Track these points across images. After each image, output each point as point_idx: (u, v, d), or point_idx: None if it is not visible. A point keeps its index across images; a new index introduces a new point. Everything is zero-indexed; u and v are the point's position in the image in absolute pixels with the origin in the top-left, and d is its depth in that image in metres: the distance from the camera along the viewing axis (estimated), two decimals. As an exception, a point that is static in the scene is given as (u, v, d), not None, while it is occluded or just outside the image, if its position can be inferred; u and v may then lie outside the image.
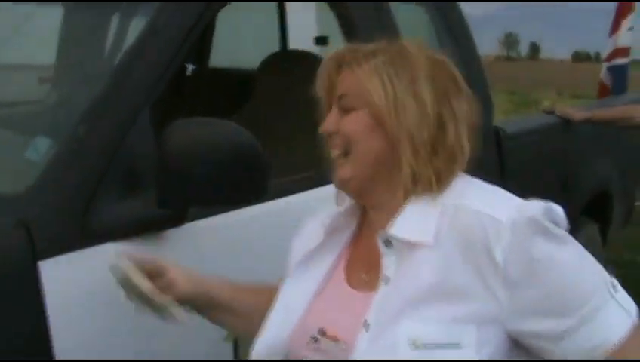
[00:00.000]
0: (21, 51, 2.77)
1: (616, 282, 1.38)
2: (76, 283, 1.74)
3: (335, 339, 1.44)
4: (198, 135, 1.78)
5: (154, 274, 1.61)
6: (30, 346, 1.66)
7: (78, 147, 1.83)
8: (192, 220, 1.94)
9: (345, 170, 1.47)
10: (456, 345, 1.30)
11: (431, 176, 1.39)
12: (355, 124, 1.45)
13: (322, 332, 1.46)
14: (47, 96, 2.71)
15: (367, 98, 1.43)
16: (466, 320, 1.31)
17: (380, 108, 1.41)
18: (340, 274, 1.54)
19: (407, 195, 1.42)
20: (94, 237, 1.78)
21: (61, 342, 1.67)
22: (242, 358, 2.08)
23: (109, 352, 1.79)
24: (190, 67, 4.12)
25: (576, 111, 3.94)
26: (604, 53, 6.57)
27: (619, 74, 6.33)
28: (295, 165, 2.53)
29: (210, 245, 2.03)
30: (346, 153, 1.47)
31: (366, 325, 1.37)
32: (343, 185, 1.51)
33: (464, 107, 1.45)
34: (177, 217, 1.88)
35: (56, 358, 1.67)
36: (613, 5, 6.58)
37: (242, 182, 1.80)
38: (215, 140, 1.77)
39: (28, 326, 1.66)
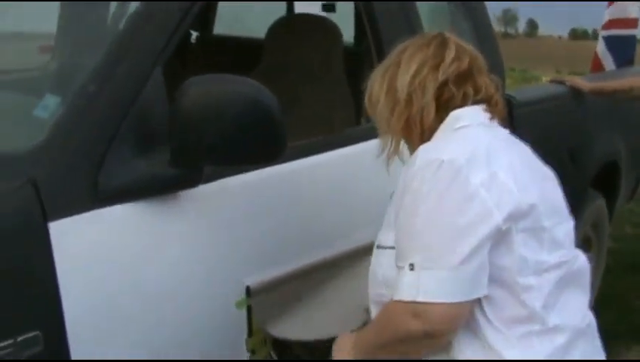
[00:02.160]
0: (20, 19, 2.69)
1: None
2: (87, 245, 1.69)
3: None
4: (214, 92, 1.71)
5: None
6: (39, 308, 1.61)
7: (88, 104, 1.76)
8: (207, 182, 1.88)
9: None
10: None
11: None
12: None
13: None
14: (48, 64, 2.64)
15: None
16: None
17: None
18: None
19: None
20: (106, 198, 1.72)
21: (70, 304, 1.63)
22: (254, 324, 2.04)
23: (119, 317, 1.74)
24: (194, 35, 4.04)
25: (587, 82, 3.88)
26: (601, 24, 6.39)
27: (622, 44, 6.17)
28: (306, 130, 2.48)
29: (225, 207, 1.97)
30: None
31: None
32: None
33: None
34: (192, 178, 1.81)
35: (66, 322, 1.62)
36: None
37: (259, 141, 1.74)
38: (231, 97, 1.71)
39: (37, 288, 1.61)
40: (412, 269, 1.51)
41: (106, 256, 1.72)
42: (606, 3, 6.26)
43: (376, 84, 1.73)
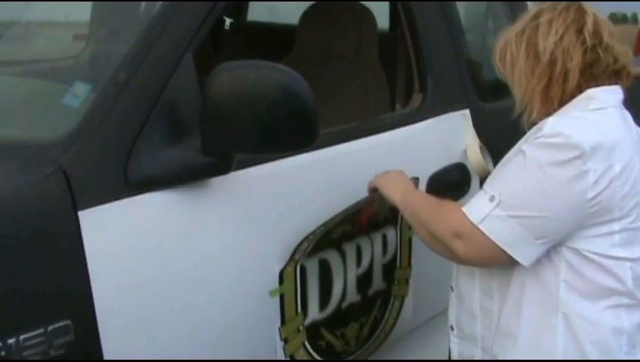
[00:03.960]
0: (55, 8, 2.69)
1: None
2: (117, 234, 1.67)
3: None
4: (244, 78, 1.68)
5: None
6: (70, 297, 1.59)
7: (118, 92, 1.74)
8: (238, 168, 1.86)
9: None
10: None
11: None
12: None
13: None
14: (82, 52, 2.63)
15: None
16: None
17: None
18: None
19: None
20: (136, 186, 1.70)
21: (101, 293, 1.61)
22: (287, 314, 2.02)
23: (149, 306, 1.72)
24: (228, 21, 4.01)
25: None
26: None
27: None
28: (340, 117, 2.45)
29: (257, 194, 1.94)
30: None
31: None
32: None
33: None
34: (223, 165, 1.78)
35: (97, 311, 1.61)
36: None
37: (291, 128, 1.70)
38: (262, 83, 1.68)
39: (68, 277, 1.59)
40: (491, 201, 1.63)
41: (136, 245, 1.70)
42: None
43: (512, 44, 1.76)
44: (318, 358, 2.17)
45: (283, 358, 2.05)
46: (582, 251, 1.64)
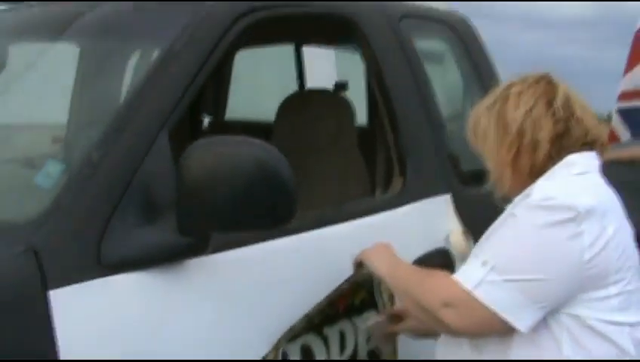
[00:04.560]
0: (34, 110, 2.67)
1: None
2: (90, 315, 1.61)
3: None
4: (220, 153, 1.66)
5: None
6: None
7: (91, 172, 1.71)
8: (216, 251, 1.81)
9: None
10: None
11: None
12: None
13: None
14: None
15: None
16: None
17: None
18: None
19: None
20: (109, 267, 1.65)
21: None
22: None
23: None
24: (207, 119, 4.02)
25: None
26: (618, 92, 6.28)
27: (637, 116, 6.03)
28: (320, 205, 2.42)
29: (236, 278, 1.88)
30: None
31: None
32: None
33: None
34: (199, 245, 1.73)
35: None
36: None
37: (269, 205, 1.67)
38: (238, 159, 1.65)
39: (39, 355, 1.52)
40: (484, 266, 1.59)
41: (109, 327, 1.63)
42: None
43: (483, 117, 1.77)
44: None
45: None
46: (581, 317, 1.59)
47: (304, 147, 2.95)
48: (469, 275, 1.62)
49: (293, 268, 2.03)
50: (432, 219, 2.49)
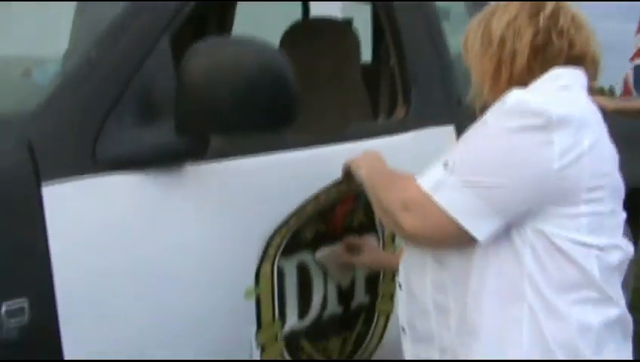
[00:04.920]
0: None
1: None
2: (82, 212, 1.57)
3: None
4: (222, 54, 1.61)
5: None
6: (28, 275, 1.49)
7: (90, 70, 1.66)
8: (214, 159, 1.78)
9: None
10: None
11: None
12: None
13: None
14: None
15: None
16: None
17: None
18: None
19: None
20: (104, 165, 1.61)
21: (62, 274, 1.51)
22: (263, 318, 1.91)
23: (112, 291, 1.61)
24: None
25: (610, 102, 3.77)
26: (632, 52, 6.32)
27: None
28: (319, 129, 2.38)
29: (234, 187, 1.85)
30: None
31: None
32: None
33: None
34: (198, 148, 1.69)
35: (56, 292, 1.50)
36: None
37: (270, 107, 1.62)
38: (240, 59, 1.60)
39: (28, 253, 1.49)
40: (445, 168, 1.52)
41: (102, 225, 1.60)
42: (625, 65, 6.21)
43: (472, 31, 1.72)
44: (298, 371, 2.05)
45: (259, 366, 1.93)
46: (547, 234, 1.51)
47: (307, 75, 2.90)
48: (430, 178, 1.55)
49: (291, 181, 1.99)
50: (434, 147, 2.45)
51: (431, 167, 1.57)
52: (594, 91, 1.74)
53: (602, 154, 1.54)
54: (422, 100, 2.46)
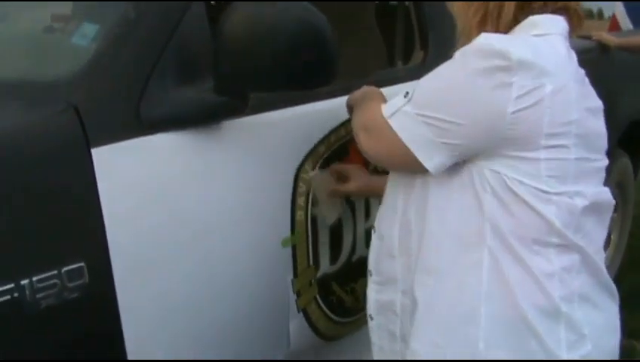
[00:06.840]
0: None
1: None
2: (131, 174, 1.61)
3: None
4: (261, 13, 1.63)
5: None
6: (84, 238, 1.53)
7: (128, 31, 1.68)
8: (252, 113, 1.81)
9: None
10: None
11: None
12: None
13: None
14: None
15: None
16: None
17: None
18: None
19: None
20: (149, 126, 1.64)
21: (115, 236, 1.55)
22: (299, 266, 1.97)
23: (162, 247, 1.66)
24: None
25: (614, 37, 3.80)
26: None
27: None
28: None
29: (272, 140, 1.90)
30: None
31: None
32: None
33: None
34: (237, 106, 1.73)
35: (111, 253, 1.55)
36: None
37: (310, 65, 1.65)
38: (279, 18, 1.62)
39: (82, 217, 1.53)
40: (405, 97, 1.57)
41: (150, 185, 1.64)
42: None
43: None
44: (330, 313, 2.12)
45: (295, 311, 2.00)
46: (504, 177, 1.50)
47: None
48: (391, 104, 1.60)
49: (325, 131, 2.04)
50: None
51: (395, 97, 1.62)
52: (583, 14, 1.72)
53: (568, 101, 1.50)
54: (440, 45, 2.47)
